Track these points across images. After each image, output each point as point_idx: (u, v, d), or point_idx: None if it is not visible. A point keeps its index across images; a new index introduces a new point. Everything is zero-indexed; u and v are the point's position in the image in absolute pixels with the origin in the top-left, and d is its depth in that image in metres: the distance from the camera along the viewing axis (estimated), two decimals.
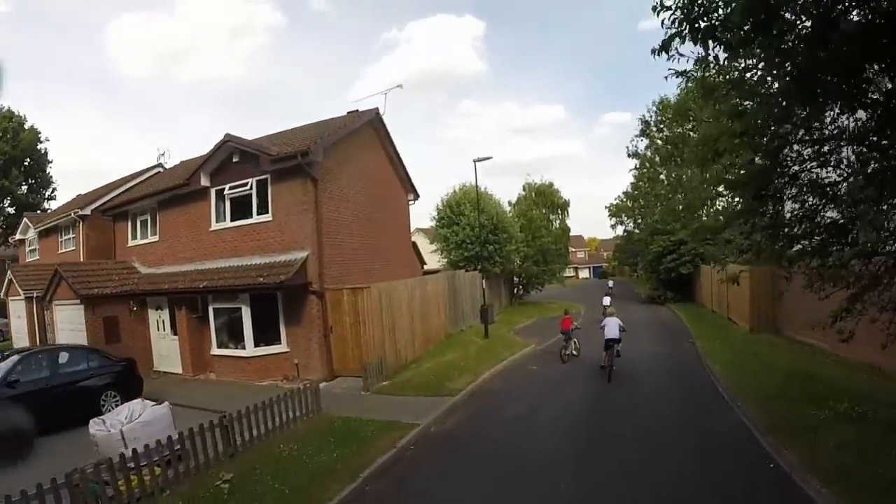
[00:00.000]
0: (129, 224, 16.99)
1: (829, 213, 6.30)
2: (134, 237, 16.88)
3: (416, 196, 20.49)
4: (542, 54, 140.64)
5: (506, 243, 23.86)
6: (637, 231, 41.59)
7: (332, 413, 9.24)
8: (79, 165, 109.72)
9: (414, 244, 21.20)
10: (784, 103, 5.27)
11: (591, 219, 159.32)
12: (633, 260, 44.74)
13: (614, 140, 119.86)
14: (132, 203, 16.77)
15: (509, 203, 30.97)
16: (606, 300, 23.76)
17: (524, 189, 52.83)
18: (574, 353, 13.83)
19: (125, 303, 14.77)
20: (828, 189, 6.13)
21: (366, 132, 16.64)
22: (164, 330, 15.03)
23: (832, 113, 5.60)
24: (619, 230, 48.51)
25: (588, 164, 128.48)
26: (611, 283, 47.66)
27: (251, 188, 13.60)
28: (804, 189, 6.35)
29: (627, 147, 32.71)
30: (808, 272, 6.70)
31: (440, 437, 8.39)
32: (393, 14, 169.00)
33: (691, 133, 29.07)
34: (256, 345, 13.00)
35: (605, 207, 47.97)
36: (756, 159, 6.50)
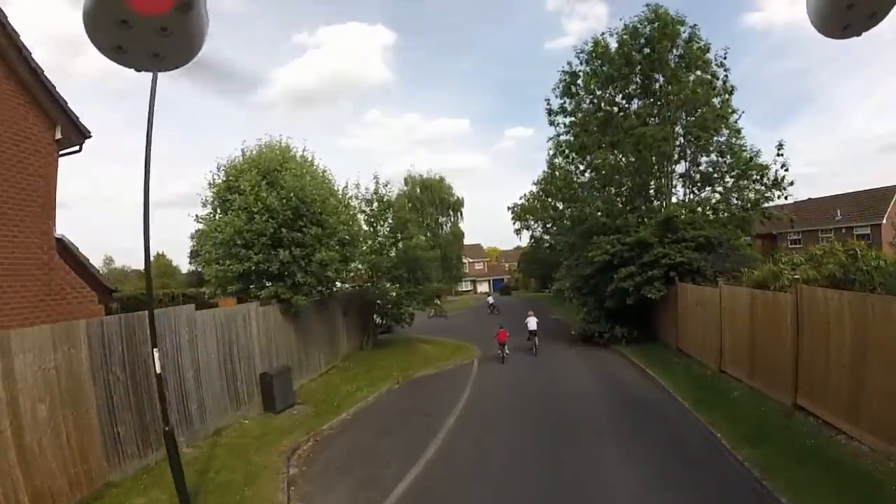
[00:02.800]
0: None
1: None
2: None
3: (84, 136, 8.22)
4: (450, 68, 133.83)
5: (317, 246, 11.70)
6: (547, 237, 31.89)
7: None
8: None
9: (61, 241, 8.39)
10: None
11: (492, 231, 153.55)
12: (547, 273, 34.88)
13: (517, 153, 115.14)
14: None
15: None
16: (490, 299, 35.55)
17: (406, 183, 41.64)
18: (508, 352, 15.66)
19: None
20: None
21: None
22: None
23: None
24: (525, 237, 38.79)
25: (491, 177, 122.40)
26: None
27: None
28: None
29: (548, 101, 21.42)
30: None
31: None
32: (305, 17, 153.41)
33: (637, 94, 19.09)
34: None
35: (508, 208, 37.69)
36: None
